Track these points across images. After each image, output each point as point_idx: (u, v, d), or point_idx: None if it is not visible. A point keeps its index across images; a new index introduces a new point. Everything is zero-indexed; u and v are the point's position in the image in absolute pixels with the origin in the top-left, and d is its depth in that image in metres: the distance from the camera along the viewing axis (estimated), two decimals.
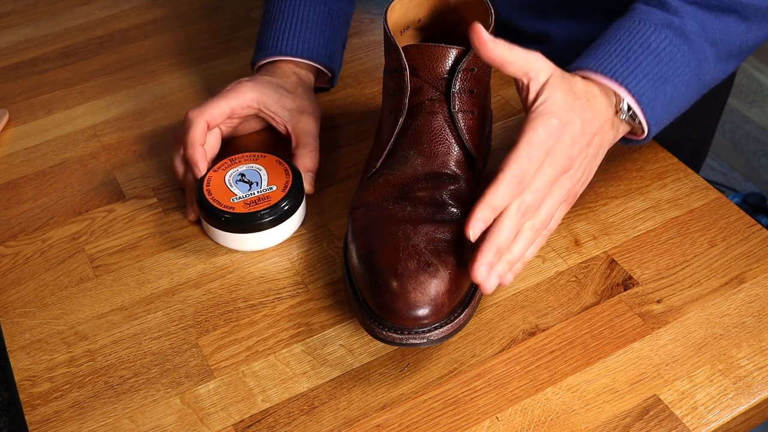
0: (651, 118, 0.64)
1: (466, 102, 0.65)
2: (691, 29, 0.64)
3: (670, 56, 0.64)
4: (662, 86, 0.64)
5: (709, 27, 0.65)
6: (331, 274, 0.68)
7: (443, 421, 0.57)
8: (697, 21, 0.65)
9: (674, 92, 0.64)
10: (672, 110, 0.66)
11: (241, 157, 0.72)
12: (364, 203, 0.65)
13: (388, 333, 0.57)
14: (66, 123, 0.87)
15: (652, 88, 0.63)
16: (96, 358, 0.63)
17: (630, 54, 0.63)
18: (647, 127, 0.64)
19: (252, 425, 0.58)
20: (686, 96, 0.66)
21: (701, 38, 0.65)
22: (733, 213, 0.72)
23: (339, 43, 0.86)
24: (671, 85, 0.64)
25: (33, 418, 0.59)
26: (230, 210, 0.68)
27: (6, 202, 0.78)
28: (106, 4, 1.06)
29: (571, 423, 0.57)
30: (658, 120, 0.64)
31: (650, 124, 0.64)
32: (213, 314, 0.65)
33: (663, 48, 0.64)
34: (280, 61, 0.81)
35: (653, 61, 0.63)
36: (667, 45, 0.64)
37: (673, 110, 0.66)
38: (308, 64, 0.82)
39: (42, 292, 0.68)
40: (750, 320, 0.63)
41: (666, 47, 0.64)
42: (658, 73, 0.63)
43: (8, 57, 0.98)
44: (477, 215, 0.56)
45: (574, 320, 0.63)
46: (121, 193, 0.77)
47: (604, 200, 0.73)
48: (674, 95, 0.65)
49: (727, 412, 0.57)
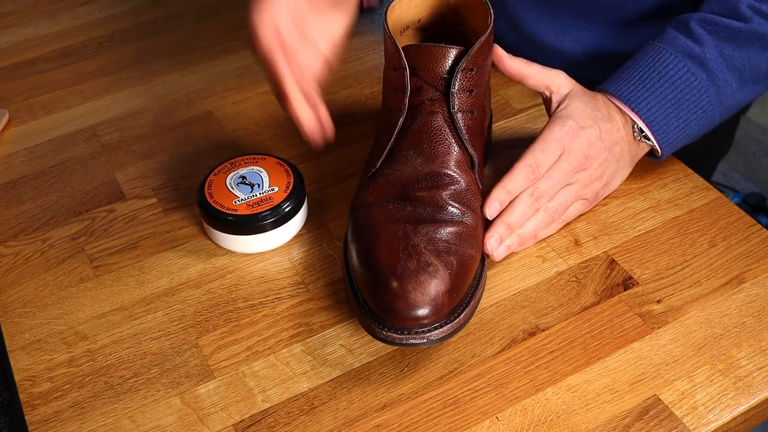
0: (663, 141, 0.71)
1: (466, 102, 0.65)
2: (710, 57, 0.70)
3: (686, 84, 0.69)
4: (675, 111, 0.70)
5: (730, 55, 0.70)
6: (331, 274, 0.68)
7: (443, 421, 0.57)
8: (718, 50, 0.70)
9: (689, 116, 0.70)
10: (689, 132, 0.71)
11: (242, 159, 0.72)
12: (364, 203, 0.65)
13: (388, 333, 0.57)
14: (66, 123, 0.87)
15: (663, 114, 0.69)
16: (96, 358, 0.63)
17: (647, 80, 0.70)
18: (659, 148, 0.71)
19: (252, 425, 0.58)
20: (704, 119, 0.71)
21: (721, 66, 0.70)
22: (733, 213, 0.72)
23: None
24: (686, 111, 0.70)
25: (33, 418, 0.59)
26: (233, 212, 0.68)
27: (6, 202, 0.78)
28: (106, 4, 1.06)
29: (571, 423, 0.57)
30: (671, 142, 0.71)
31: (662, 146, 0.71)
32: (213, 314, 0.65)
33: (680, 76, 0.69)
34: None
35: (669, 88, 0.69)
36: (684, 73, 0.69)
37: (691, 132, 0.71)
38: None
39: (42, 292, 0.68)
40: (750, 320, 0.63)
41: (683, 75, 0.69)
42: (672, 99, 0.69)
43: (8, 57, 0.98)
44: (493, 196, 0.64)
45: (574, 320, 0.63)
46: (121, 193, 0.77)
47: (604, 200, 0.73)
48: (689, 119, 0.70)
49: (727, 412, 0.57)
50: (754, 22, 0.70)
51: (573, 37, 0.86)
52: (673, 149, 0.72)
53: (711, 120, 0.72)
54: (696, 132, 0.72)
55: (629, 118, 0.71)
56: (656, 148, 0.71)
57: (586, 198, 0.69)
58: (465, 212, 0.62)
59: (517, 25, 0.87)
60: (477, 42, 0.64)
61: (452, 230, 0.60)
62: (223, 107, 0.87)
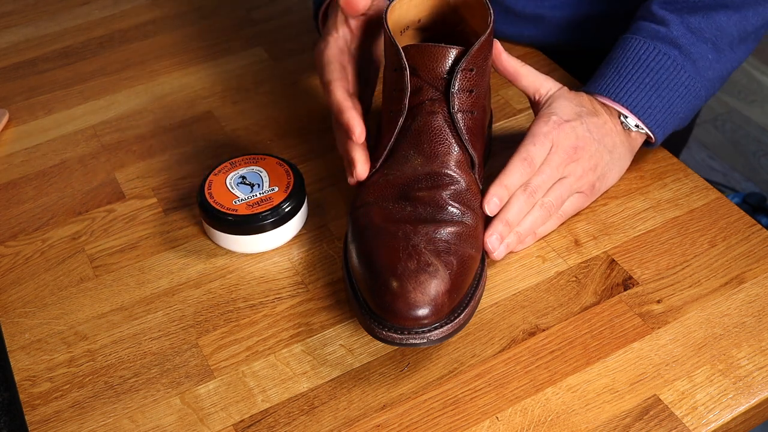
0: (650, 123, 0.71)
1: (466, 102, 0.65)
2: (678, 34, 0.71)
3: (660, 65, 0.71)
4: (657, 92, 0.71)
5: (698, 27, 0.71)
6: (331, 274, 0.68)
7: (443, 421, 0.57)
8: (684, 25, 0.71)
9: (672, 95, 0.71)
10: (676, 112, 0.72)
11: (242, 159, 0.72)
12: (364, 203, 0.65)
13: (388, 333, 0.57)
14: (66, 123, 0.87)
15: (645, 97, 0.71)
16: (96, 358, 0.63)
17: (622, 71, 0.72)
18: (651, 132, 0.72)
19: (252, 425, 0.58)
20: (689, 96, 0.72)
21: (691, 40, 0.71)
22: (733, 213, 0.72)
23: None
24: (667, 90, 0.71)
25: (33, 418, 0.59)
26: (233, 212, 0.68)
27: (6, 202, 0.78)
28: (106, 4, 1.06)
29: (571, 423, 0.57)
30: (660, 124, 0.72)
31: (652, 129, 0.71)
32: (213, 314, 0.66)
33: (652, 58, 0.71)
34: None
35: (644, 72, 0.71)
36: (656, 55, 0.71)
37: (678, 112, 0.72)
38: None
39: (42, 292, 0.68)
40: (750, 320, 0.63)
41: (655, 56, 0.71)
42: (650, 82, 0.71)
43: (8, 57, 0.98)
44: (491, 192, 0.64)
45: (574, 320, 0.63)
46: (121, 193, 0.77)
47: (604, 200, 0.73)
48: (673, 98, 0.71)
49: (727, 412, 0.57)
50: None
51: (552, 3, 0.87)
52: (665, 132, 0.73)
53: (696, 96, 0.72)
54: (684, 111, 0.72)
55: (614, 110, 0.71)
56: (648, 133, 0.72)
57: (582, 191, 0.69)
58: (465, 212, 0.62)
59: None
60: (477, 42, 0.64)
61: (452, 230, 0.60)
62: (223, 107, 0.87)
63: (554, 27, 0.89)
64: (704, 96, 0.73)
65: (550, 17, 0.88)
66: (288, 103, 0.87)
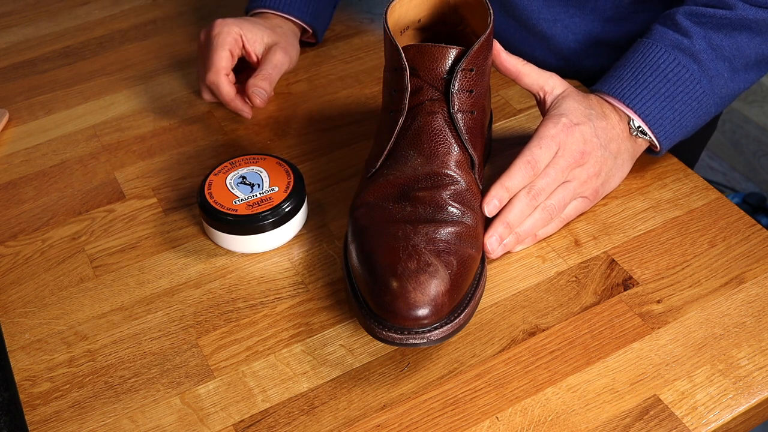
0: (660, 134, 0.71)
1: (466, 102, 0.65)
2: (700, 48, 0.70)
3: (678, 76, 0.70)
4: (670, 104, 0.70)
5: (719, 44, 0.71)
6: (331, 274, 0.68)
7: (443, 421, 0.57)
8: (706, 41, 0.71)
9: (684, 108, 0.71)
10: (685, 125, 0.72)
11: (241, 159, 0.72)
12: (364, 203, 0.65)
13: (388, 333, 0.57)
14: (66, 123, 0.87)
15: (658, 107, 0.70)
16: (96, 358, 0.63)
17: (639, 76, 0.71)
18: (657, 141, 0.71)
19: (252, 425, 0.58)
20: (699, 111, 0.72)
21: (711, 56, 0.71)
22: (733, 213, 0.72)
23: (326, 1, 0.92)
24: (680, 103, 0.70)
25: (33, 418, 0.59)
26: (233, 212, 0.68)
27: (6, 202, 0.78)
28: (106, 4, 1.06)
29: (571, 423, 0.57)
30: (668, 135, 0.71)
31: (660, 140, 0.71)
32: (213, 314, 0.66)
33: (671, 69, 0.70)
34: (267, 12, 0.89)
35: (661, 81, 0.70)
36: (675, 66, 0.70)
37: (687, 125, 0.72)
38: (292, 20, 0.89)
39: (42, 292, 0.68)
40: (750, 320, 0.63)
41: (674, 68, 0.70)
42: (665, 92, 0.70)
43: (8, 57, 0.98)
44: (492, 194, 0.64)
45: (574, 320, 0.63)
46: (121, 193, 0.77)
47: (604, 200, 0.73)
48: (684, 111, 0.71)
49: (727, 412, 0.57)
50: (738, 8, 0.71)
51: (565, 24, 0.86)
52: (671, 143, 0.72)
53: (706, 111, 0.72)
54: (692, 124, 0.72)
55: (624, 115, 0.71)
56: (654, 142, 0.72)
57: (584, 196, 0.69)
58: (465, 212, 0.62)
59: (509, 10, 0.87)
60: (477, 42, 0.64)
61: (452, 230, 0.60)
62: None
63: (566, 50, 0.87)
64: (713, 113, 0.73)
65: (561, 39, 0.86)
66: (288, 103, 0.87)
